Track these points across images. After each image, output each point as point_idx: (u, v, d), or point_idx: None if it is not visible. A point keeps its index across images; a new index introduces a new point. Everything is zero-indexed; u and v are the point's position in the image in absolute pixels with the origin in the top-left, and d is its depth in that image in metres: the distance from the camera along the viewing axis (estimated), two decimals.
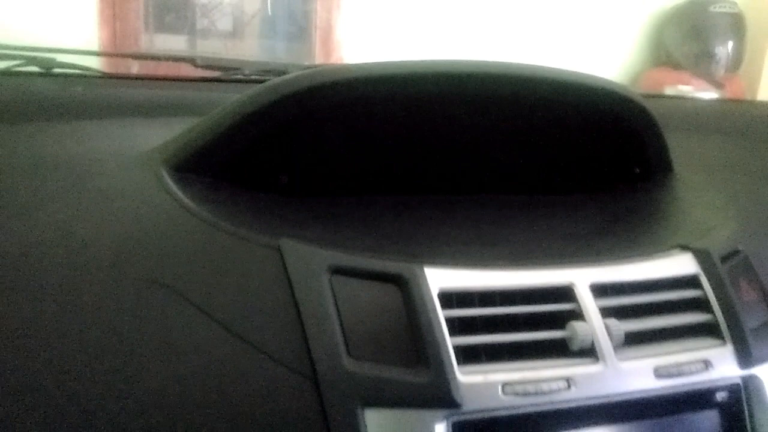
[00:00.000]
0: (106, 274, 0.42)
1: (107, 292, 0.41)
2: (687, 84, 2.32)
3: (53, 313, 0.40)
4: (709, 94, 1.76)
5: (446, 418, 0.39)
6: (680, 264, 0.49)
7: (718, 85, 2.43)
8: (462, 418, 0.40)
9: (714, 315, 0.47)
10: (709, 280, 0.48)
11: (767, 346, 0.48)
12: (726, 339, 0.47)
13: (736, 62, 2.54)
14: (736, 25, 2.53)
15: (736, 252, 0.52)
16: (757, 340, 0.47)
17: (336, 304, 0.41)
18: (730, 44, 2.52)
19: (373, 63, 0.54)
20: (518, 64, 0.56)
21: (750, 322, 0.48)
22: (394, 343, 0.41)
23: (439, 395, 0.39)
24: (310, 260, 0.42)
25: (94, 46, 1.85)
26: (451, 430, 0.39)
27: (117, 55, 1.17)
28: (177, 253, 0.44)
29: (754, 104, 1.27)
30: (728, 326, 0.47)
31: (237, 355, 0.40)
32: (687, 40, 2.55)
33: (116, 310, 0.41)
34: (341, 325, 0.40)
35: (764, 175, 0.72)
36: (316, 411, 0.38)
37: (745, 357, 0.46)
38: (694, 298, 0.48)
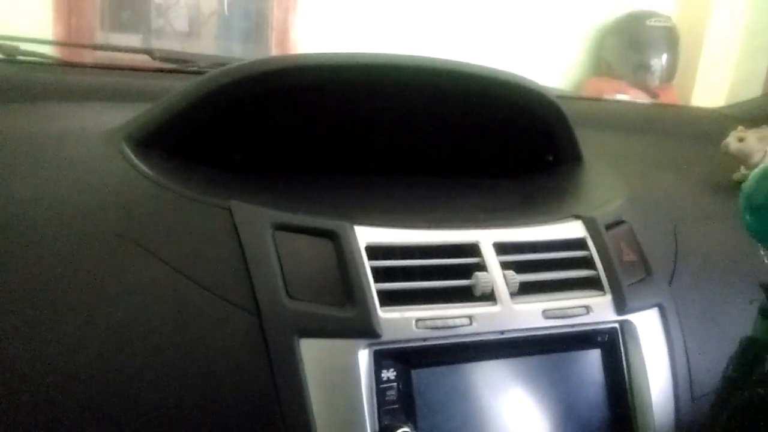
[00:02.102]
0: (75, 230, 0.48)
1: (77, 244, 0.48)
2: (624, 93, 2.45)
3: (28, 265, 0.46)
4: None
5: (369, 346, 0.47)
6: (571, 229, 0.58)
7: (653, 94, 2.58)
8: (382, 347, 0.48)
9: (597, 271, 0.57)
10: (594, 242, 0.58)
11: (641, 298, 0.57)
12: (606, 291, 0.56)
13: (670, 73, 2.70)
14: (671, 39, 2.68)
15: (620, 222, 0.61)
16: (633, 292, 0.57)
17: (278, 254, 0.48)
18: (665, 56, 2.67)
19: (320, 53, 0.61)
20: (447, 59, 0.65)
21: (627, 278, 0.57)
22: (326, 287, 0.48)
23: (363, 327, 0.47)
24: (257, 218, 0.50)
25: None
26: (372, 356, 0.47)
27: (78, 46, 1.21)
28: (138, 212, 0.51)
29: (668, 108, 1.39)
30: (608, 280, 0.56)
31: (193, 296, 0.46)
32: (625, 51, 2.69)
33: (84, 259, 0.47)
34: (282, 271, 0.48)
35: (659, 165, 0.83)
36: (259, 341, 0.46)
37: (621, 305, 0.56)
38: (581, 257, 0.57)
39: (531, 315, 0.52)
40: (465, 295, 0.52)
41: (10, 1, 1.85)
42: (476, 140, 0.71)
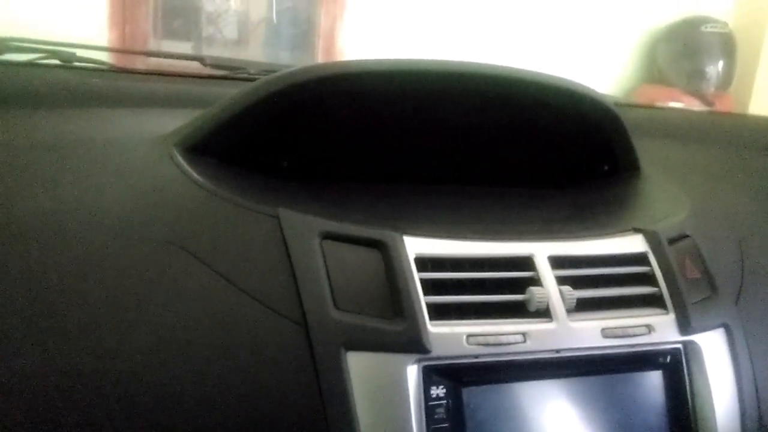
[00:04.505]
0: (123, 236, 0.48)
1: (125, 251, 0.47)
2: (678, 101, 2.38)
3: (77, 271, 0.46)
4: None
5: (418, 362, 0.46)
6: (632, 243, 0.55)
7: (708, 102, 2.50)
8: (431, 363, 0.46)
9: (659, 288, 0.54)
10: (656, 257, 0.55)
11: (706, 318, 0.54)
12: (669, 309, 0.53)
13: (726, 81, 2.60)
14: (727, 45, 2.59)
15: (683, 236, 0.58)
16: (697, 311, 0.53)
17: (325, 264, 0.47)
18: (721, 63, 2.57)
19: (371, 60, 0.60)
20: (501, 65, 0.63)
21: (692, 296, 0.54)
22: (374, 299, 0.47)
23: (412, 341, 0.45)
24: (305, 226, 0.49)
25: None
26: (421, 372, 0.46)
27: (131, 52, 1.24)
28: (187, 219, 0.50)
29: (728, 116, 1.34)
30: (671, 298, 0.53)
31: (240, 304, 0.46)
32: (679, 58, 2.61)
33: (132, 265, 0.47)
34: (329, 281, 0.47)
35: (719, 176, 0.79)
36: (306, 352, 0.45)
37: (685, 325, 0.52)
38: (642, 273, 0.54)
39: (589, 333, 0.50)
40: (518, 310, 0.49)
41: (67, 11, 1.91)
42: (529, 148, 0.69)
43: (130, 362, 0.43)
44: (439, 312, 0.47)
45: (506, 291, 0.50)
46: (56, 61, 0.88)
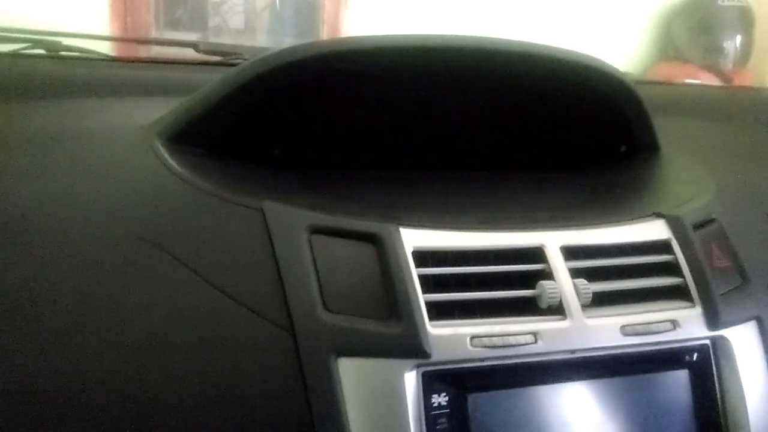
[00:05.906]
0: (98, 233, 0.45)
1: (99, 249, 0.44)
2: (695, 78, 2.32)
3: (50, 268, 0.42)
4: None
5: (417, 367, 0.41)
6: (653, 230, 0.51)
7: (726, 78, 2.43)
8: (432, 368, 0.42)
9: (684, 279, 0.49)
10: (680, 245, 0.50)
11: (736, 310, 0.49)
12: (695, 301, 0.48)
13: (744, 56, 2.55)
14: (745, 19, 2.54)
15: (709, 221, 0.53)
16: (727, 303, 0.49)
17: (314, 261, 0.43)
18: (739, 38, 2.53)
19: (364, 36, 0.55)
20: (509, 39, 0.58)
21: (720, 286, 0.49)
22: (368, 298, 0.43)
23: (410, 345, 0.41)
24: (291, 220, 0.45)
25: None
26: (421, 379, 0.41)
27: (122, 40, 1.21)
28: (164, 213, 0.46)
29: (747, 90, 1.28)
30: (698, 290, 0.49)
31: (219, 306, 0.42)
32: (695, 34, 2.56)
33: (103, 264, 0.43)
34: (318, 280, 0.42)
35: (743, 154, 0.74)
36: (293, 360, 0.41)
37: (713, 319, 0.48)
38: (665, 263, 0.50)
39: (607, 331, 0.45)
40: (528, 307, 0.45)
41: (70, 2, 1.88)
42: (539, 129, 0.64)
43: (100, 368, 0.40)
44: (439, 311, 0.43)
45: (514, 286, 0.45)
46: (42, 51, 0.85)
